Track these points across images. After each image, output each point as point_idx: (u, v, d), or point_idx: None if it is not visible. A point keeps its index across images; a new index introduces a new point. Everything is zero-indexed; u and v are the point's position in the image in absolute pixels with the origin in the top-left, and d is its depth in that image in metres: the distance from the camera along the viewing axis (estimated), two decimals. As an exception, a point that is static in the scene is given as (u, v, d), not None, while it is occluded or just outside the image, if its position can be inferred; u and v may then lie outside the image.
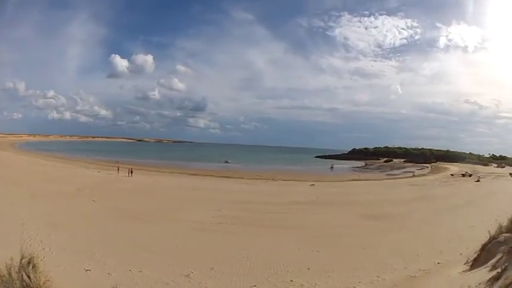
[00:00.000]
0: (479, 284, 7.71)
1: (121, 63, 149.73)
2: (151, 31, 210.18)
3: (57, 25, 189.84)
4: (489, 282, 7.33)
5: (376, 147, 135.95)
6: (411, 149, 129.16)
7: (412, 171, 77.75)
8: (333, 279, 11.60)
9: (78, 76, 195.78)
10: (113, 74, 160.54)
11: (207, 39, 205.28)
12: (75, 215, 17.93)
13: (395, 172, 78.85)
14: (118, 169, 42.34)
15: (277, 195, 31.48)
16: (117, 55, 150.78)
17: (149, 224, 17.40)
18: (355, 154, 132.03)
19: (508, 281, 6.33)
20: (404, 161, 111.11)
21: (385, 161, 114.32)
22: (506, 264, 7.37)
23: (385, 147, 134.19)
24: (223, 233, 16.69)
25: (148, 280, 10.14)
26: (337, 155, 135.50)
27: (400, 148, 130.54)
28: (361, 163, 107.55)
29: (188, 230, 16.78)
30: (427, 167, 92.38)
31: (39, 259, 7.28)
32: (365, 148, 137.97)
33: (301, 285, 11.00)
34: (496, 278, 7.15)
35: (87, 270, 10.28)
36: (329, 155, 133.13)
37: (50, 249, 12.23)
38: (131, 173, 41.01)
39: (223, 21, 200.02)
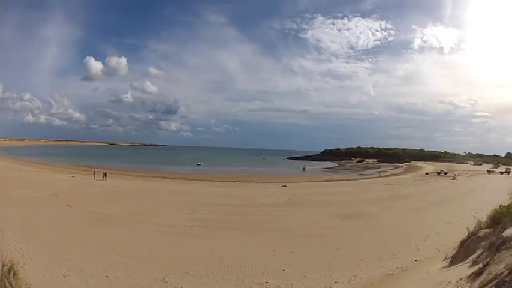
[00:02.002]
0: (460, 279, 7.76)
1: (95, 65, 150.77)
2: (125, 33, 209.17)
3: (32, 26, 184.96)
4: (471, 278, 7.36)
5: (348, 148, 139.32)
6: (384, 149, 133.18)
7: (385, 171, 79.80)
8: (309, 280, 11.70)
9: (53, 78, 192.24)
10: (87, 76, 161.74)
11: (180, 41, 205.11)
12: (52, 221, 18.08)
13: (368, 172, 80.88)
14: (94, 173, 43.65)
15: (249, 197, 31.84)
16: (91, 57, 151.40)
17: (124, 228, 17.64)
18: (328, 155, 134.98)
19: (491, 276, 6.34)
20: (377, 161, 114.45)
21: (358, 161, 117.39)
22: (488, 259, 7.43)
23: (358, 147, 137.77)
24: (197, 236, 16.92)
25: (125, 286, 10.35)
26: (309, 156, 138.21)
27: (372, 148, 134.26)
28: (333, 164, 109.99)
29: (162, 233, 17.01)
30: (401, 166, 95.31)
31: (20, 266, 7.62)
32: (337, 149, 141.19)
33: (277, 286, 11.11)
34: (478, 274, 7.18)
35: (65, 276, 10.45)
36: (301, 157, 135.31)
37: (29, 256, 12.42)
38: (105, 176, 42.21)
39: (195, 23, 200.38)
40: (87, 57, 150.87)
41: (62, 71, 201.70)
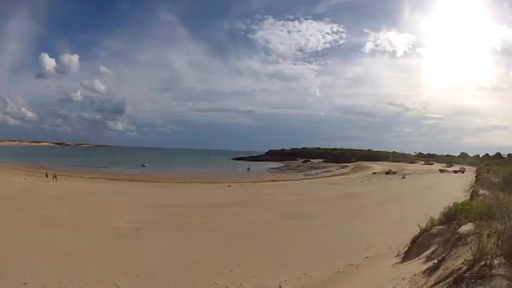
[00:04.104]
0: (414, 275, 7.93)
1: (49, 62, 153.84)
2: (80, 29, 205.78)
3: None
4: (426, 273, 7.53)
5: (293, 148, 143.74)
6: (330, 149, 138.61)
7: (331, 171, 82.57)
8: (258, 279, 11.76)
9: (8, 75, 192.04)
10: (41, 74, 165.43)
11: (131, 38, 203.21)
12: (6, 226, 17.65)
13: (314, 172, 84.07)
14: (46, 175, 44.74)
15: (194, 198, 32.50)
16: (46, 54, 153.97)
17: (74, 231, 17.69)
18: (272, 155, 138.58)
19: (448, 271, 6.48)
20: (323, 161, 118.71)
21: (303, 162, 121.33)
22: (443, 255, 7.64)
23: (303, 148, 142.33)
24: (144, 238, 17.08)
25: None
26: (254, 156, 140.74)
27: (318, 149, 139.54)
28: (279, 164, 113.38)
29: (110, 236, 17.12)
30: (348, 166, 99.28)
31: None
32: (282, 149, 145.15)
33: (227, 287, 11.16)
34: (433, 269, 7.36)
35: (24, 283, 10.47)
36: (246, 157, 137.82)
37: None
38: (55, 178, 43.07)
39: (147, 20, 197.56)
40: (42, 54, 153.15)
41: (17, 68, 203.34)
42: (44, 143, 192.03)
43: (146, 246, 15.52)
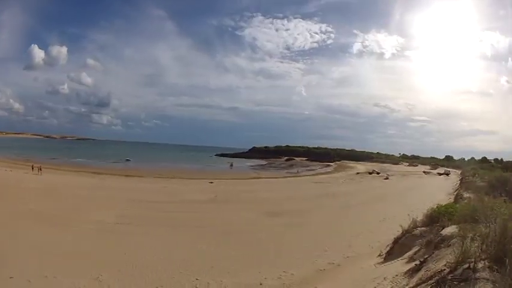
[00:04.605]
0: (396, 275, 7.98)
1: (39, 54, 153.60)
2: (69, 21, 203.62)
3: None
4: (408, 274, 7.58)
5: (277, 146, 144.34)
6: (314, 148, 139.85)
7: (314, 169, 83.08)
8: (238, 276, 11.77)
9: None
10: (30, 65, 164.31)
11: (118, 32, 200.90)
12: None
13: (297, 170, 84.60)
14: (32, 168, 44.96)
15: (177, 193, 32.35)
16: (35, 45, 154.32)
17: (57, 226, 17.60)
18: (256, 153, 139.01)
19: (430, 273, 6.51)
20: (306, 160, 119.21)
21: (287, 160, 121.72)
22: (425, 256, 7.69)
23: (287, 146, 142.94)
24: (126, 233, 17.03)
25: (63, 285, 10.54)
26: (237, 153, 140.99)
27: (302, 147, 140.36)
28: (262, 161, 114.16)
29: (93, 231, 17.06)
30: (331, 165, 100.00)
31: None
32: (266, 147, 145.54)
33: (208, 283, 11.14)
34: (415, 270, 7.40)
35: (10, 277, 10.58)
36: (229, 154, 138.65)
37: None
38: (40, 170, 43.53)
39: (136, 14, 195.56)
40: (32, 45, 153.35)
41: (6, 59, 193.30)
42: (30, 136, 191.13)
43: (128, 241, 15.48)
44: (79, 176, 45.08)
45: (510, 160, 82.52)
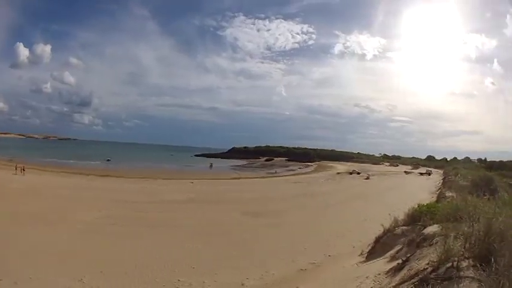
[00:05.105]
0: (378, 274, 8.02)
1: (23, 52, 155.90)
2: (53, 18, 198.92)
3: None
4: (390, 273, 7.62)
5: (257, 146, 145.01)
6: (294, 148, 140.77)
7: (294, 169, 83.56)
8: (220, 277, 11.77)
9: None
10: (15, 63, 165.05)
11: (102, 30, 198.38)
12: None
13: (277, 170, 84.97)
14: (16, 168, 44.19)
15: (157, 193, 32.26)
16: (21, 43, 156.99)
17: (41, 226, 17.52)
18: (235, 153, 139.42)
19: (412, 272, 6.54)
20: (286, 160, 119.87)
21: (266, 160, 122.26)
22: (408, 255, 7.73)
23: (266, 146, 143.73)
24: (108, 234, 16.99)
25: (48, 286, 10.60)
26: (216, 153, 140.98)
27: (282, 147, 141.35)
28: (242, 162, 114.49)
29: (76, 231, 17.05)
30: (311, 165, 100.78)
31: None
32: (245, 147, 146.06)
33: (190, 284, 11.14)
34: (398, 269, 7.44)
35: None
36: (209, 154, 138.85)
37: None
38: (23, 170, 42.80)
39: (119, 13, 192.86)
40: (18, 43, 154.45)
41: None
42: (14, 135, 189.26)
43: (110, 242, 15.44)
44: (61, 177, 44.59)
45: (494, 160, 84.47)
